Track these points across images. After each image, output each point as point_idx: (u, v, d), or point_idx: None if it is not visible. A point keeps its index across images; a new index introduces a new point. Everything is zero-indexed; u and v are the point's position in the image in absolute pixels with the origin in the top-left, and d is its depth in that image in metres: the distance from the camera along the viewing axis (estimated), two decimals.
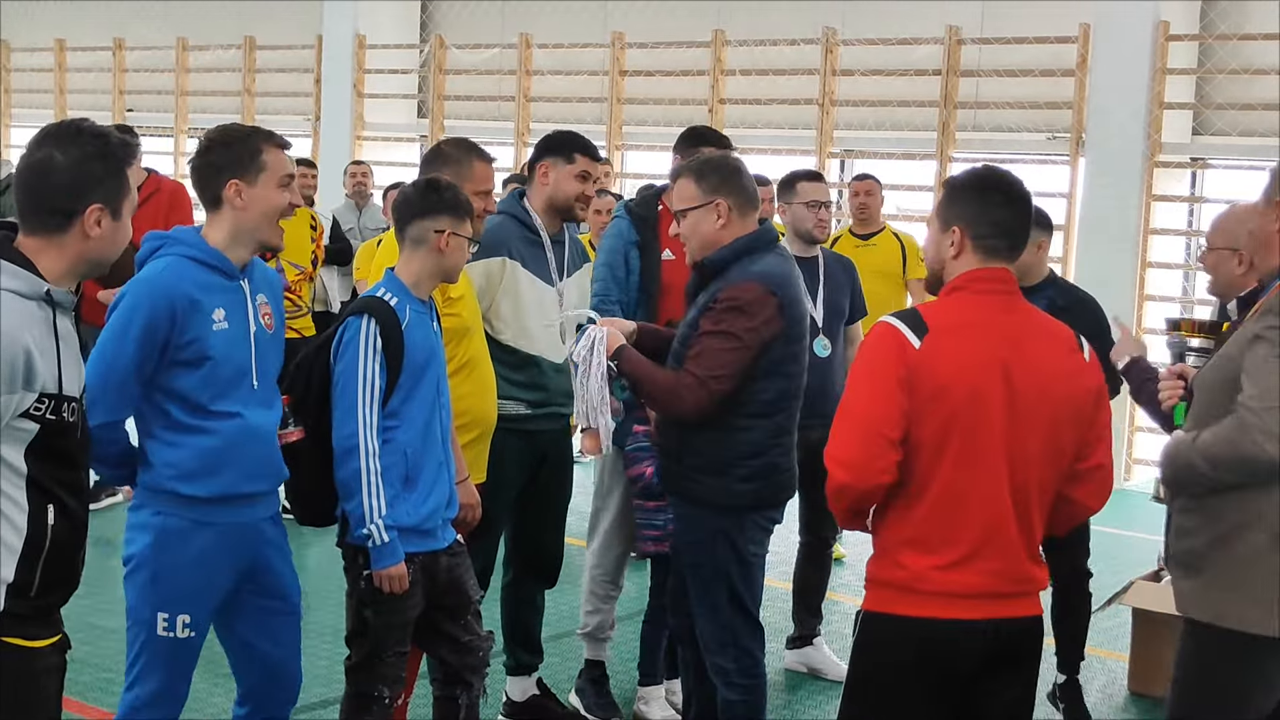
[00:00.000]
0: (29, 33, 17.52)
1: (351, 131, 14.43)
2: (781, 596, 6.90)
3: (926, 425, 3.30)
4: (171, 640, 3.81)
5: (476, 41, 14.01)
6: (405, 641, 4.18)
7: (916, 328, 3.34)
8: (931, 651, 3.34)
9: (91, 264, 3.10)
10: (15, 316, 2.87)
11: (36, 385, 2.90)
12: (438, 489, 4.17)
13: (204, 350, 3.72)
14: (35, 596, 3.02)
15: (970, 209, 3.45)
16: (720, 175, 4.38)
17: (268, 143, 3.84)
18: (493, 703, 5.45)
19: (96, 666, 5.62)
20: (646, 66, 12.85)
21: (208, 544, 3.81)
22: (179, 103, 15.81)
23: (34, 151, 3.04)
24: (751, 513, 4.41)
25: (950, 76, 11.25)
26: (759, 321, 4.22)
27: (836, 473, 3.33)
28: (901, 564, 3.36)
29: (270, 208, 3.83)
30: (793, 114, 12.13)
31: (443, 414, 4.22)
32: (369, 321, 4.03)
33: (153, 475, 3.78)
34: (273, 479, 3.95)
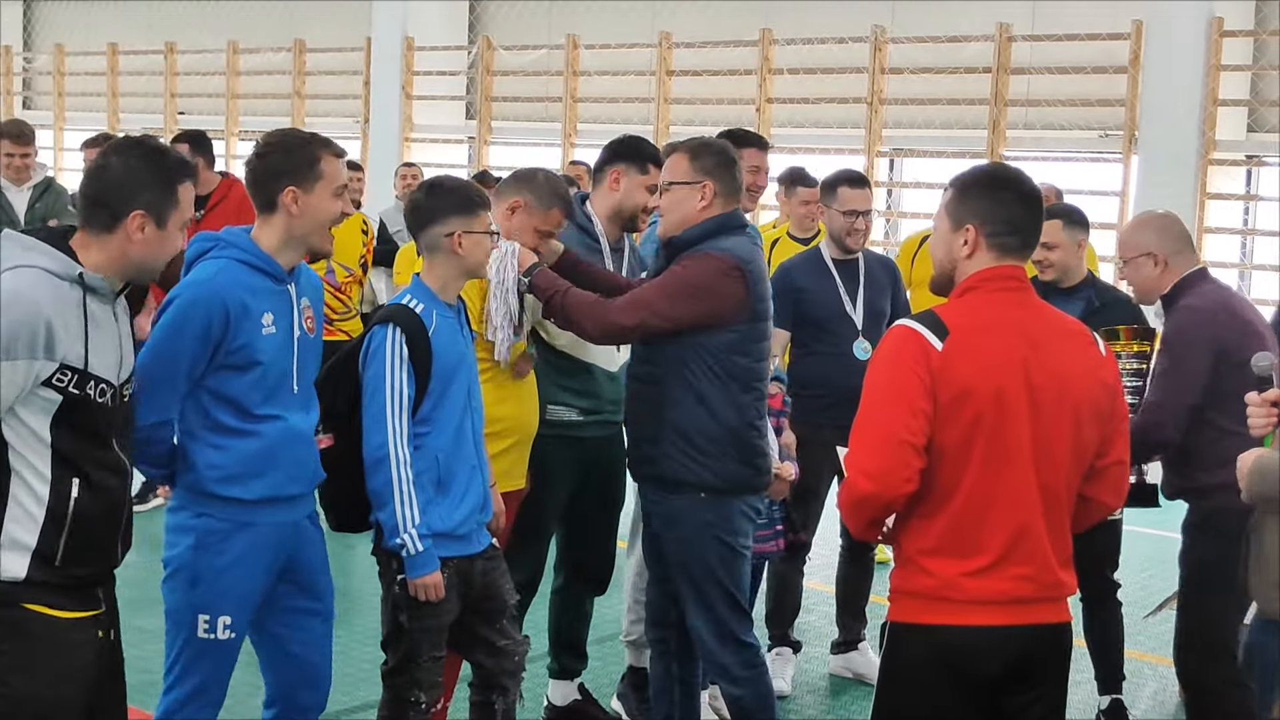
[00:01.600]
0: (83, 37, 17.69)
1: (400, 133, 14.47)
2: (825, 600, 6.84)
3: (951, 430, 3.22)
4: (212, 642, 3.83)
5: (524, 43, 14.01)
6: (441, 646, 4.17)
7: (937, 330, 3.26)
8: (962, 660, 3.27)
9: (134, 267, 3.26)
10: (41, 289, 3.07)
11: (57, 355, 3.06)
12: (471, 493, 4.16)
13: (254, 355, 3.74)
14: (60, 566, 3.13)
15: (983, 206, 3.38)
16: (716, 160, 4.44)
17: (326, 151, 3.88)
18: (534, 707, 5.44)
19: (140, 668, 5.60)
20: (694, 66, 12.81)
21: (248, 545, 3.83)
22: (230, 105, 15.91)
23: (97, 159, 3.29)
24: (736, 499, 4.46)
25: (1001, 74, 11.15)
26: (723, 289, 4.29)
27: (861, 483, 3.24)
28: (929, 572, 3.28)
29: (324, 216, 3.85)
30: (841, 113, 12.06)
31: (474, 417, 4.20)
32: (394, 331, 4.02)
33: (195, 477, 3.80)
34: (311, 480, 3.97)
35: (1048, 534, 3.30)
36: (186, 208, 3.30)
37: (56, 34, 18.27)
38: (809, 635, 6.43)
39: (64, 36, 17.99)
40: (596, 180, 5.05)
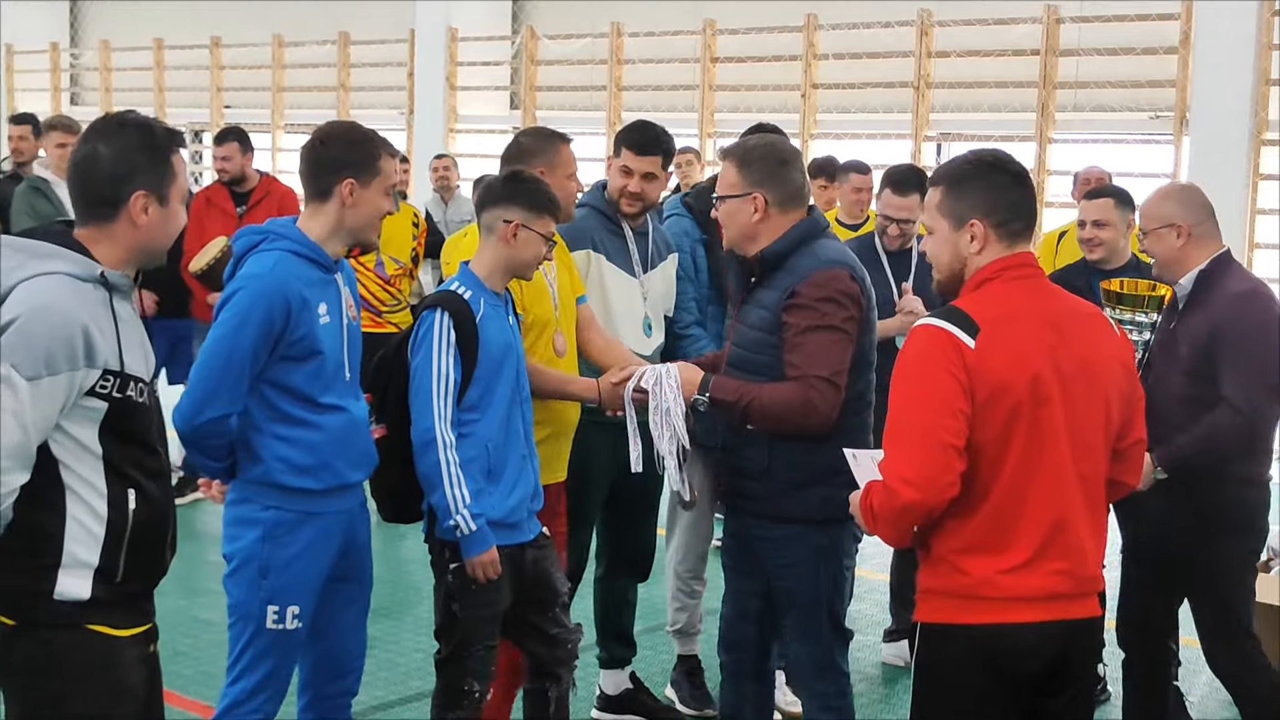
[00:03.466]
0: (128, 33, 17.81)
1: (444, 124, 14.49)
2: (876, 589, 6.82)
3: (989, 427, 3.14)
4: (281, 632, 3.85)
5: (567, 31, 14.00)
6: (494, 635, 4.17)
7: (966, 326, 3.16)
8: (1001, 659, 3.20)
9: (145, 252, 3.15)
10: (71, 296, 2.94)
11: (99, 362, 2.96)
12: (522, 481, 4.16)
13: (315, 345, 3.76)
14: (120, 582, 3.07)
15: (983, 198, 3.27)
16: (766, 167, 4.08)
17: (385, 150, 3.93)
18: (586, 696, 5.44)
19: (197, 660, 5.68)
20: (738, 53, 12.76)
21: (315, 535, 3.86)
22: (275, 99, 15.98)
23: (81, 146, 3.11)
24: (848, 522, 3.98)
25: (1049, 56, 11.05)
26: (853, 310, 3.98)
27: (904, 492, 3.12)
28: (963, 571, 3.19)
29: (376, 211, 3.90)
30: (888, 97, 11.98)
31: (523, 407, 4.20)
32: (442, 315, 4.03)
33: (263, 470, 3.81)
34: (369, 467, 3.99)
35: (1085, 525, 3.24)
36: (183, 179, 3.16)
37: (103, 30, 18.41)
38: (860, 623, 6.39)
39: (110, 32, 18.12)
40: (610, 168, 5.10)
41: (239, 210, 8.13)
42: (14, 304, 2.93)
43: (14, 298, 2.94)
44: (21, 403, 2.88)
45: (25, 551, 3.01)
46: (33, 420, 2.90)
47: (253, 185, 8.26)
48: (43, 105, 16.95)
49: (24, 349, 2.88)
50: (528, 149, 4.73)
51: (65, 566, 3.00)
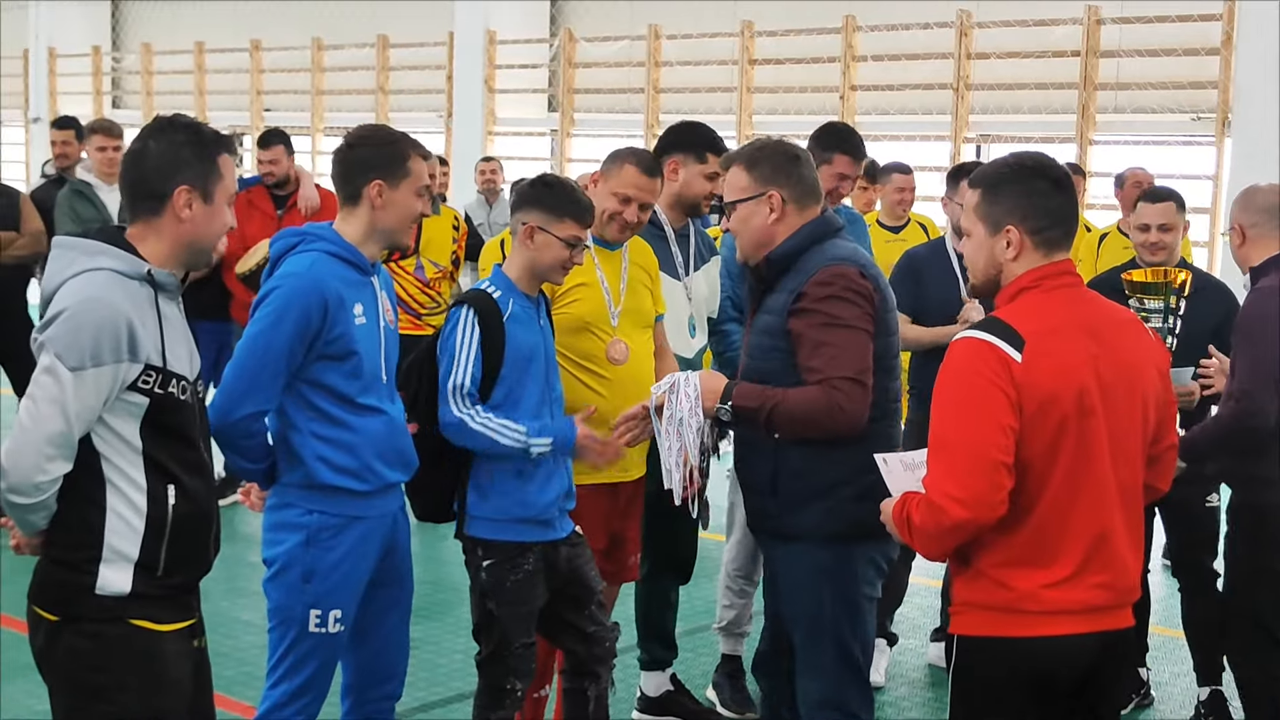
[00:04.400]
0: (169, 36, 17.93)
1: (483, 127, 14.53)
2: (919, 593, 6.79)
3: (1036, 441, 3.10)
4: (324, 636, 3.86)
5: (605, 34, 14.02)
6: (531, 632, 4.19)
7: (1011, 339, 3.10)
8: (1040, 671, 3.18)
9: (191, 249, 3.19)
10: (116, 291, 3.00)
11: (141, 356, 3.01)
12: (555, 481, 4.18)
13: (350, 344, 3.78)
14: (161, 577, 3.10)
15: (1019, 203, 3.21)
16: (774, 164, 3.90)
17: (414, 151, 3.93)
18: (626, 698, 5.43)
19: (239, 660, 5.70)
20: (776, 55, 12.75)
21: (358, 538, 3.87)
22: (315, 102, 16.06)
23: (133, 144, 3.18)
24: (862, 544, 3.83)
25: (1090, 58, 10.99)
26: (865, 307, 3.75)
27: (954, 510, 3.06)
28: (1007, 585, 3.15)
29: (407, 213, 3.91)
30: (927, 99, 11.95)
31: (554, 407, 4.22)
32: (468, 310, 4.09)
33: (304, 472, 3.82)
34: (409, 468, 4.00)
35: (1125, 535, 3.21)
36: (230, 181, 3.20)
37: (144, 33, 18.53)
38: (904, 628, 6.37)
39: (151, 36, 18.24)
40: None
41: (279, 212, 8.18)
42: (62, 298, 3.01)
43: (62, 292, 3.02)
44: (65, 392, 2.94)
45: (68, 545, 3.06)
46: (75, 411, 2.96)
47: (294, 188, 8.31)
48: (84, 108, 17.08)
49: (69, 340, 2.95)
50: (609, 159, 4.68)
51: (106, 560, 3.05)
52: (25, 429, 2.97)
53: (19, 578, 6.72)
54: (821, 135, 5.36)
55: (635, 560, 4.85)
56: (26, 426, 2.97)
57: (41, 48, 18.78)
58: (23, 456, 2.97)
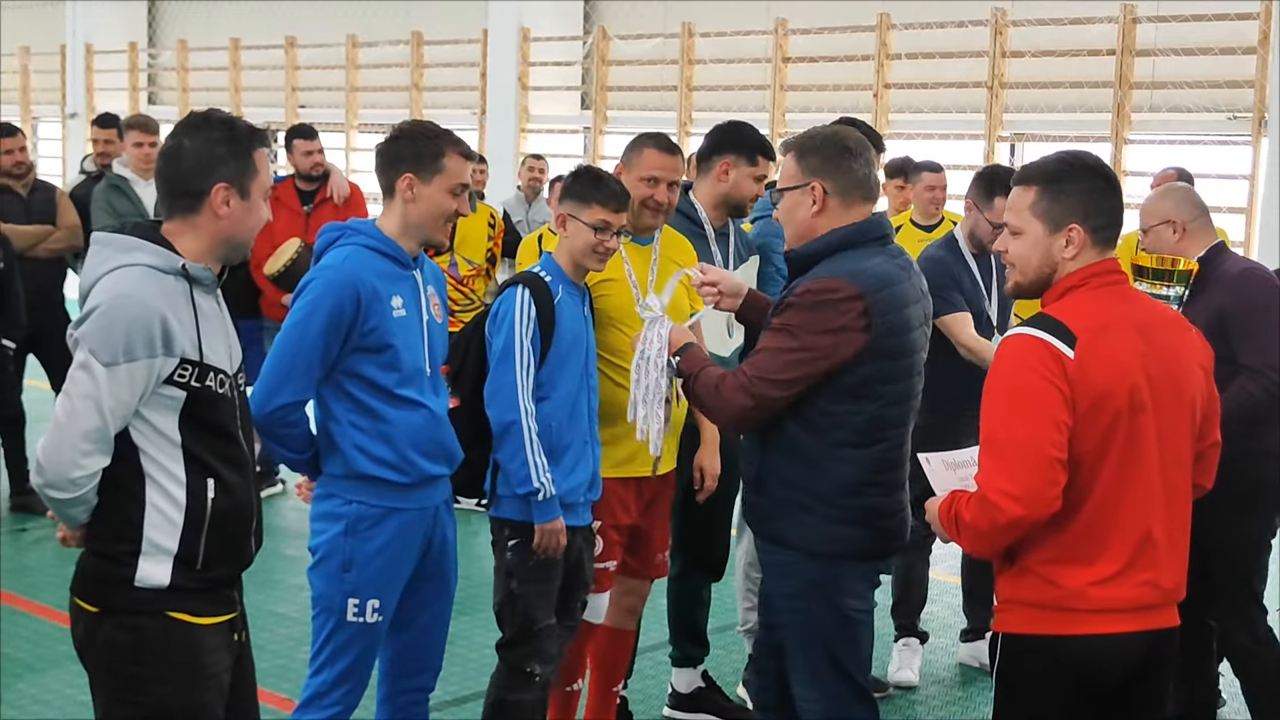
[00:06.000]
0: (205, 33, 18.01)
1: (516, 124, 14.55)
2: (949, 591, 6.79)
3: (1088, 438, 3.10)
4: (361, 625, 3.91)
5: (639, 32, 14.02)
6: (551, 614, 4.26)
7: (1063, 336, 3.10)
8: (1087, 670, 3.18)
9: (228, 244, 3.22)
10: (150, 287, 3.03)
11: (176, 350, 3.04)
12: (581, 467, 4.26)
13: (386, 337, 3.83)
14: (201, 570, 3.12)
15: (1083, 201, 3.20)
16: (824, 155, 3.77)
17: (453, 148, 3.95)
18: (658, 695, 5.45)
19: (273, 653, 5.74)
20: (810, 53, 12.72)
21: (398, 530, 3.92)
22: (349, 99, 16.11)
23: (169, 141, 3.20)
24: (851, 562, 3.78)
25: (1125, 56, 10.94)
26: (832, 326, 3.60)
27: (1009, 507, 3.06)
28: (1054, 582, 3.15)
29: (437, 210, 3.93)
30: (961, 98, 11.90)
31: (590, 395, 4.28)
32: (524, 291, 4.16)
33: (343, 462, 3.88)
34: (451, 461, 4.03)
35: (1168, 534, 3.21)
36: (265, 176, 3.23)
37: (180, 30, 18.62)
38: (934, 626, 6.37)
39: (187, 32, 18.33)
40: (703, 168, 5.04)
41: (305, 208, 8.22)
42: (97, 294, 3.04)
43: (97, 288, 3.05)
44: (99, 388, 2.97)
45: (108, 538, 3.10)
46: (110, 406, 2.99)
47: (321, 183, 8.34)
48: (121, 104, 17.17)
49: (102, 336, 2.98)
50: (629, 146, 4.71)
51: (145, 553, 3.08)
52: (61, 424, 3.01)
53: (57, 570, 6.81)
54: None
55: (663, 557, 4.87)
56: (62, 422, 3.01)
57: (79, 44, 18.87)
58: (59, 452, 3.00)
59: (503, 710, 4.28)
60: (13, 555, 7.41)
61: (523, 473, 4.10)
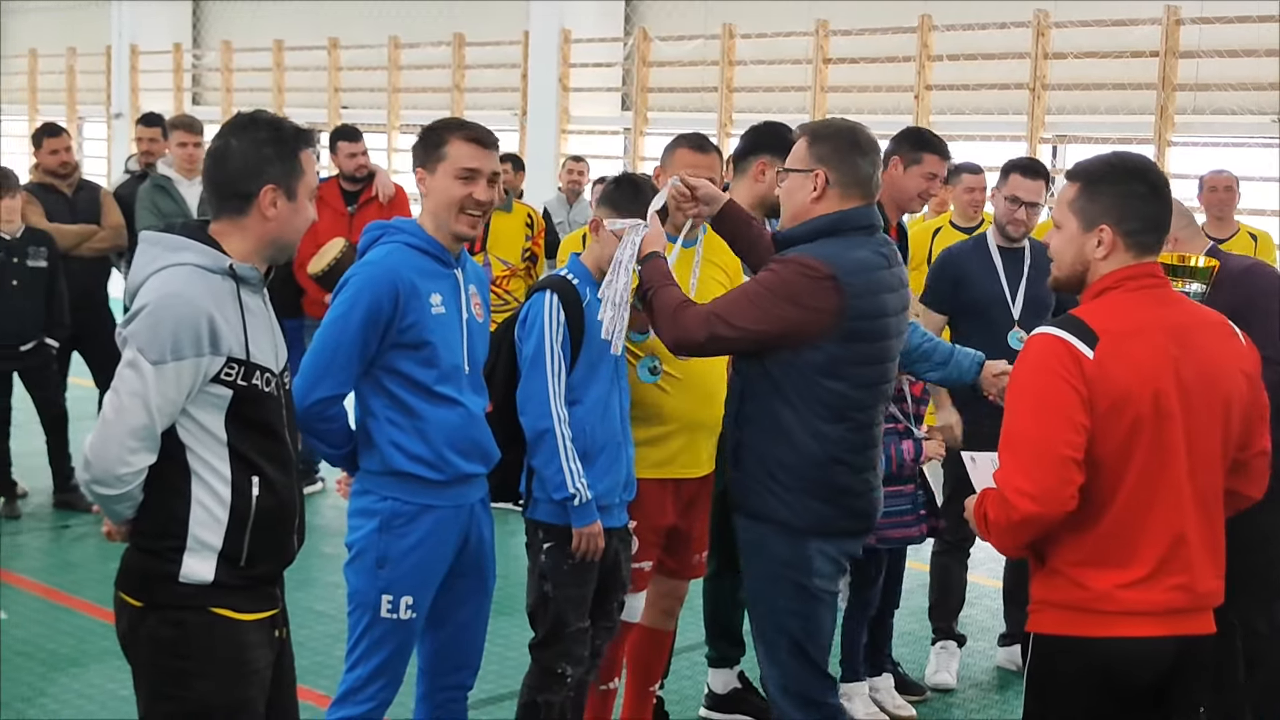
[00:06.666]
0: (249, 34, 18.12)
1: (557, 125, 14.58)
2: (988, 594, 6.77)
3: (1108, 440, 3.10)
4: (394, 622, 3.93)
5: (680, 33, 14.02)
6: (585, 617, 4.28)
7: (1085, 336, 3.11)
8: (1115, 673, 3.17)
9: (275, 245, 3.24)
10: (197, 286, 3.05)
11: (223, 349, 3.07)
12: (615, 468, 4.27)
13: (423, 334, 3.85)
14: (244, 567, 3.15)
15: (1116, 203, 3.20)
16: (834, 145, 3.93)
17: (456, 134, 3.93)
18: (694, 695, 5.46)
19: (312, 650, 5.78)
20: (851, 54, 12.69)
21: (432, 527, 3.93)
22: (391, 99, 16.18)
23: (215, 142, 3.22)
24: (817, 539, 3.93)
25: (1169, 58, 10.86)
26: (804, 302, 3.77)
27: (1022, 504, 3.09)
28: (1081, 584, 3.16)
29: (445, 197, 3.92)
30: (1002, 99, 11.84)
31: (621, 397, 4.28)
32: (551, 296, 4.17)
33: (379, 459, 3.90)
34: (487, 461, 4.05)
35: (1203, 539, 3.20)
36: (311, 176, 3.26)
37: (224, 31, 18.75)
38: (972, 629, 6.35)
39: (231, 33, 18.45)
40: (739, 169, 5.03)
41: (349, 208, 8.27)
42: (145, 293, 3.07)
43: (145, 287, 3.08)
44: (147, 386, 3.00)
45: (153, 533, 3.12)
46: (157, 404, 3.01)
47: (366, 184, 8.40)
48: (165, 105, 17.29)
49: (150, 335, 3.01)
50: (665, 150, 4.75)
51: (190, 549, 3.10)
52: (109, 421, 3.04)
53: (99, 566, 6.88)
54: (908, 137, 5.39)
55: (700, 558, 4.87)
56: (110, 419, 3.04)
57: (124, 45, 19.02)
58: (106, 448, 3.03)
59: (534, 711, 4.30)
60: (56, 551, 7.49)
61: (558, 479, 4.10)
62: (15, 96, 20.66)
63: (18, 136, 18.83)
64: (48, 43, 20.37)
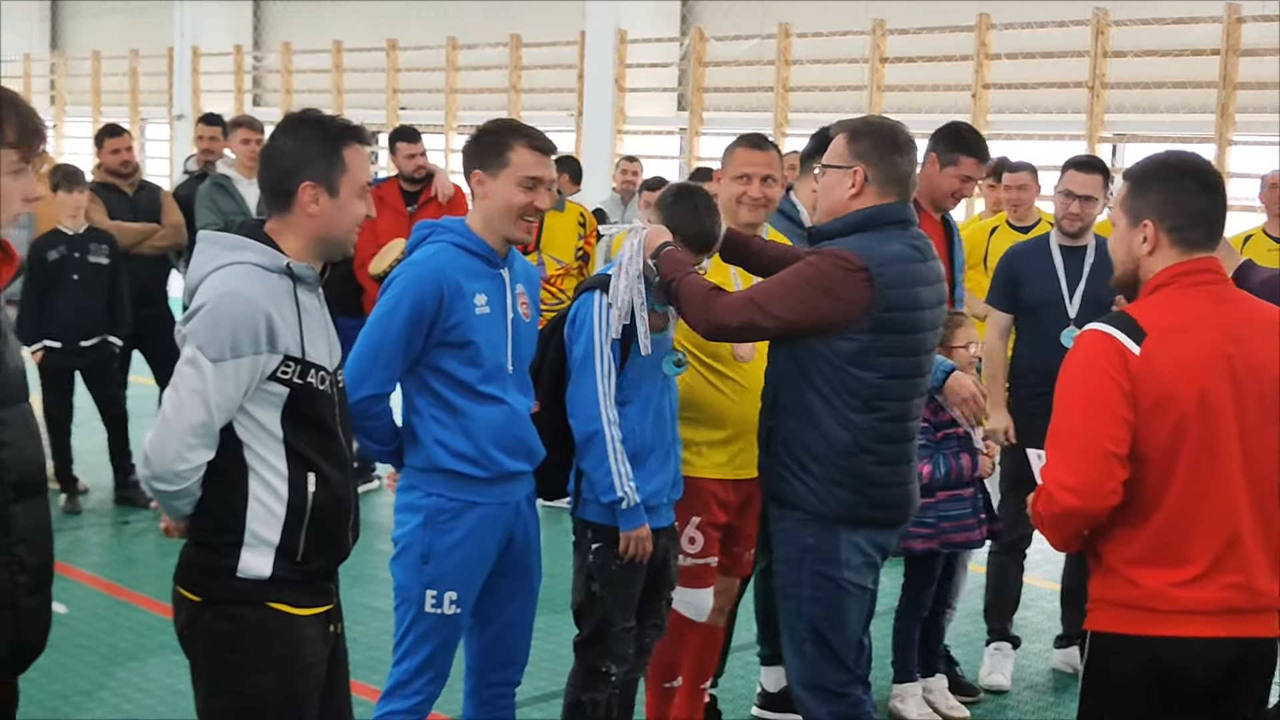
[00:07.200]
0: (308, 35, 18.26)
1: (613, 126, 14.60)
2: (1043, 596, 6.72)
3: (1154, 436, 3.10)
4: (439, 617, 3.96)
5: (736, 33, 14.00)
6: (631, 616, 4.28)
7: (1132, 332, 3.12)
8: (1170, 673, 3.15)
9: (324, 242, 3.25)
10: (256, 285, 3.08)
11: (280, 348, 3.09)
12: (664, 469, 4.26)
13: (468, 333, 3.87)
14: (301, 562, 3.17)
15: (1161, 200, 3.21)
16: (873, 142, 3.98)
17: (520, 141, 3.93)
18: (747, 694, 5.45)
19: (366, 646, 5.81)
20: (908, 53, 12.63)
21: (475, 523, 3.95)
22: (449, 100, 16.26)
23: (267, 141, 3.28)
24: (846, 529, 3.95)
25: (1230, 56, 10.74)
26: (838, 294, 3.82)
27: (1063, 498, 3.10)
28: (1135, 582, 3.15)
29: (506, 204, 3.93)
30: (1061, 98, 11.76)
31: (670, 396, 4.28)
32: (601, 297, 4.15)
33: (424, 455, 3.93)
34: (532, 458, 4.06)
35: (1259, 537, 3.17)
36: (358, 172, 3.23)
37: (284, 33, 18.90)
38: (1027, 631, 6.31)
39: (291, 35, 18.60)
40: (805, 168, 5.05)
41: (409, 209, 8.32)
42: (204, 292, 3.10)
43: (204, 286, 3.11)
44: (206, 383, 3.03)
45: (211, 529, 3.15)
46: (216, 401, 3.04)
47: (425, 184, 8.45)
48: (226, 106, 17.48)
49: (209, 333, 3.03)
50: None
51: (248, 545, 3.13)
52: (168, 419, 3.07)
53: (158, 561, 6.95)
54: (947, 135, 5.34)
55: (750, 556, 4.87)
56: (169, 416, 3.07)
57: (186, 47, 19.22)
58: (165, 445, 3.07)
59: (579, 710, 4.30)
60: (116, 547, 7.59)
61: (606, 481, 4.10)
62: (79, 98, 20.94)
63: (81, 138, 19.06)
64: (110, 45, 20.62)
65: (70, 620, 6.18)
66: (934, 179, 5.27)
